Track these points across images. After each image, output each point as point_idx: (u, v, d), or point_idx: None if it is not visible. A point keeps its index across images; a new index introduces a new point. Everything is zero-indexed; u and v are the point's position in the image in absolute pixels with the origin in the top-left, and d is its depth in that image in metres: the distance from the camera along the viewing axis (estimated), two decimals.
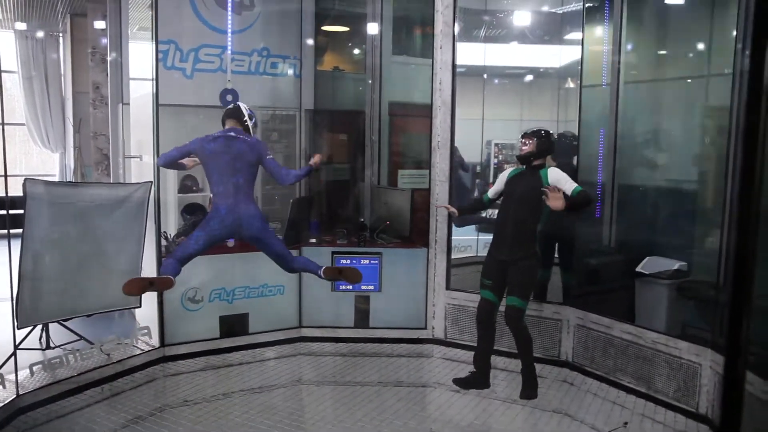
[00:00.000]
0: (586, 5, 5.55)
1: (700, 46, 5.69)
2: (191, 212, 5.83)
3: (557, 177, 4.26)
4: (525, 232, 4.38)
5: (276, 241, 4.35)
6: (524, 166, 4.46)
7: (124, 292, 3.72)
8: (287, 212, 5.68)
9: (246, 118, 4.40)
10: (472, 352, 5.35)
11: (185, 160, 4.53)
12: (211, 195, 4.37)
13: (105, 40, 7.55)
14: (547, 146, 4.46)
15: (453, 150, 5.44)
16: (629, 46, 5.96)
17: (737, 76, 4.32)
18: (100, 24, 7.61)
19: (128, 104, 6.36)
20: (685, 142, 5.79)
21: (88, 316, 5.00)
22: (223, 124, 4.48)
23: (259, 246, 4.32)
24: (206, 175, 4.33)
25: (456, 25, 5.33)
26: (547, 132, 4.50)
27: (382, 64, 6.31)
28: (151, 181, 5.06)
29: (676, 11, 5.94)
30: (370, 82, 6.44)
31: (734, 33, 4.44)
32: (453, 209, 4.88)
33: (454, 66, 5.31)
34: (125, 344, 4.91)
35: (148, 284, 3.81)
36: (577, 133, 5.42)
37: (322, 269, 4.30)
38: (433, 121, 5.40)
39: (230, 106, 4.59)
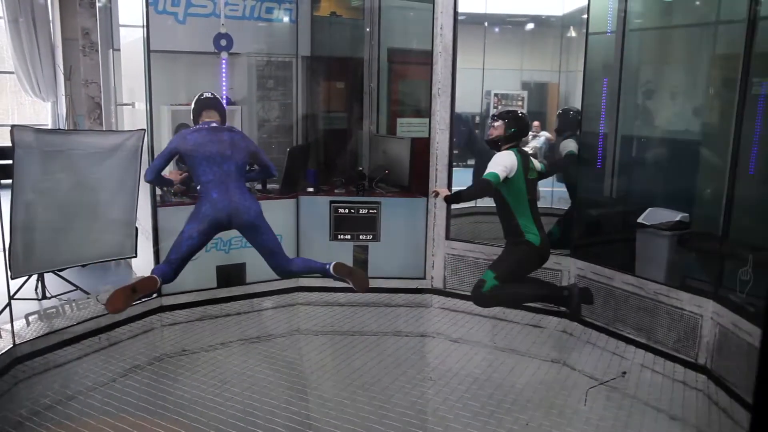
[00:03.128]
0: None
1: None
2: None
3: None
4: (502, 218, 4.32)
5: (272, 236, 4.16)
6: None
7: (110, 312, 3.60)
8: (284, 161, 5.57)
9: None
10: (471, 302, 5.35)
11: (170, 174, 4.46)
12: (198, 187, 4.11)
13: None
14: (516, 129, 4.25)
15: (454, 97, 5.28)
16: None
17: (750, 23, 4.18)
18: None
19: (119, 50, 6.16)
20: (690, 93, 5.66)
21: (84, 266, 4.94)
22: (199, 115, 4.26)
23: (252, 237, 4.12)
24: (192, 169, 4.08)
25: None
26: (515, 114, 4.31)
27: (381, 9, 6.09)
28: (144, 129, 4.93)
29: None
30: (368, 28, 6.22)
31: None
32: (447, 192, 4.55)
33: (455, 10, 5.12)
34: None
35: (131, 292, 3.59)
36: (581, 97, 5.24)
37: (332, 265, 4.15)
38: (433, 67, 5.23)
39: (207, 96, 4.35)
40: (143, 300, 4.41)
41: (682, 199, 5.15)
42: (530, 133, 10.22)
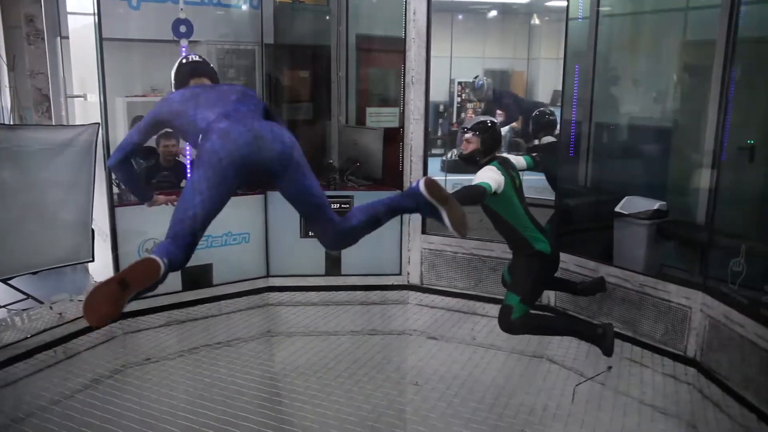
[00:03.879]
0: None
1: None
2: (144, 157, 5.38)
3: None
4: (504, 234, 4.05)
5: (317, 182, 2.86)
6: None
7: (93, 324, 2.27)
8: None
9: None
10: (449, 298, 5.20)
11: (159, 199, 3.38)
12: (201, 135, 2.66)
13: None
14: (492, 140, 3.97)
15: (428, 86, 5.07)
16: None
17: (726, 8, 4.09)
18: None
19: (67, 38, 5.75)
20: (663, 79, 5.59)
21: (35, 273, 4.57)
22: (186, 82, 3.09)
23: (291, 185, 2.73)
24: (184, 133, 2.84)
25: None
26: (486, 124, 4.00)
27: None
28: (99, 123, 4.59)
29: None
30: (335, 14, 5.95)
31: None
32: None
33: None
34: (78, 301, 4.53)
35: (120, 289, 2.22)
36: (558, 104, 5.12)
37: (423, 182, 2.77)
38: (406, 54, 5.02)
39: (195, 59, 3.27)
40: (142, 297, 2.58)
41: (659, 188, 5.09)
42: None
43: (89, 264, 4.97)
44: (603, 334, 3.84)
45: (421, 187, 2.76)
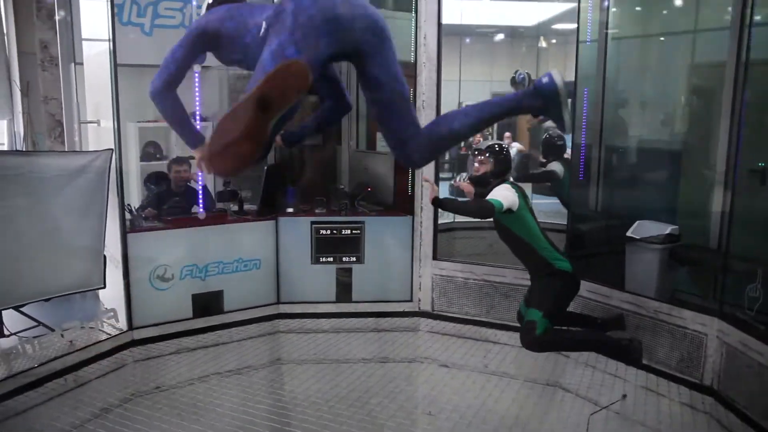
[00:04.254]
0: None
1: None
2: (156, 182, 5.40)
3: None
4: (522, 255, 4.05)
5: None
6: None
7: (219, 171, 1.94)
8: (261, 181, 5.30)
9: None
10: (461, 325, 5.15)
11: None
12: (265, 21, 2.25)
13: None
14: (506, 163, 4.07)
15: (440, 110, 5.08)
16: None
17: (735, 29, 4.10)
18: None
19: (81, 64, 5.81)
20: (672, 101, 5.58)
21: (47, 300, 4.56)
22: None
23: (378, 65, 2.32)
24: (237, 29, 2.40)
25: None
26: (501, 146, 4.13)
27: None
28: (112, 149, 4.61)
29: None
30: None
31: None
32: (435, 188, 4.15)
33: (439, 18, 4.93)
34: (89, 329, 4.51)
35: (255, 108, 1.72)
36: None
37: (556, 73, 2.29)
38: (417, 78, 5.03)
39: None
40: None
41: (670, 211, 5.05)
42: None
43: (100, 291, 4.95)
44: (628, 346, 3.81)
45: (556, 77, 2.27)
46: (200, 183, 5.18)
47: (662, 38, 5.75)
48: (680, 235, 4.70)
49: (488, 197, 3.84)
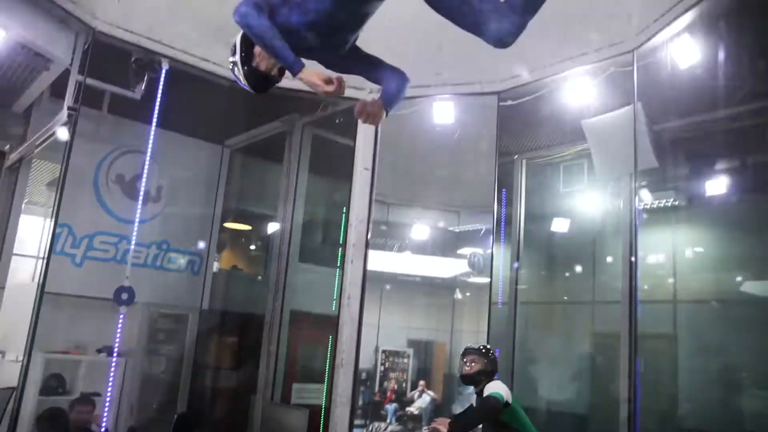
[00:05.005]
0: (485, 227, 5.86)
1: (587, 272, 6.09)
2: (51, 422, 4.94)
3: None
4: None
5: None
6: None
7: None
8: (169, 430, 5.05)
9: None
10: None
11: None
12: None
13: None
14: (495, 363, 4.12)
15: (357, 369, 5.16)
16: (523, 268, 6.21)
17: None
18: None
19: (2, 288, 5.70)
20: (576, 365, 5.92)
21: None
22: None
23: None
24: None
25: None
26: (489, 348, 4.21)
27: (288, 270, 6.13)
28: (15, 387, 4.33)
29: (562, 239, 6.39)
30: (273, 288, 6.17)
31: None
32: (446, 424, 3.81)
33: (364, 281, 5.23)
34: None
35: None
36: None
37: None
38: (338, 336, 5.17)
39: None
40: None
41: None
42: (416, 391, 10.23)
43: None
44: None
45: None
46: (103, 428, 4.86)
47: (565, 306, 6.29)
48: None
49: (486, 393, 3.78)
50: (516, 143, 5.80)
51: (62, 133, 4.87)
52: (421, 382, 10.10)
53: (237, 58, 2.38)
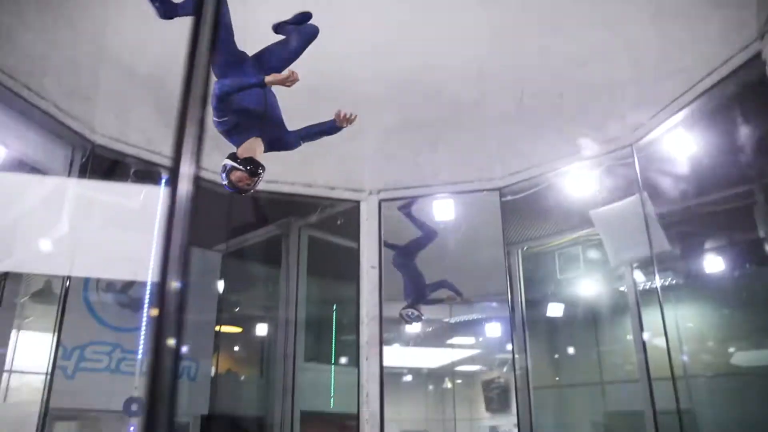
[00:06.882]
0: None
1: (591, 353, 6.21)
2: None
3: None
4: None
5: None
6: None
7: None
8: None
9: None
10: None
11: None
12: None
13: None
14: None
15: None
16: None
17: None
18: None
19: None
20: None
21: None
22: None
23: None
24: None
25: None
26: None
27: (295, 369, 5.99)
28: None
29: (564, 323, 6.53)
30: (281, 389, 5.99)
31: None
32: None
33: (381, 378, 5.18)
34: None
35: None
36: None
37: None
38: None
39: None
40: None
41: None
42: None
43: None
44: None
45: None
46: None
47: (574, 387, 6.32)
48: None
49: None
50: (513, 234, 6.00)
51: None
52: None
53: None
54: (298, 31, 3.39)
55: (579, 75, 4.27)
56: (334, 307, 6.25)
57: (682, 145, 4.34)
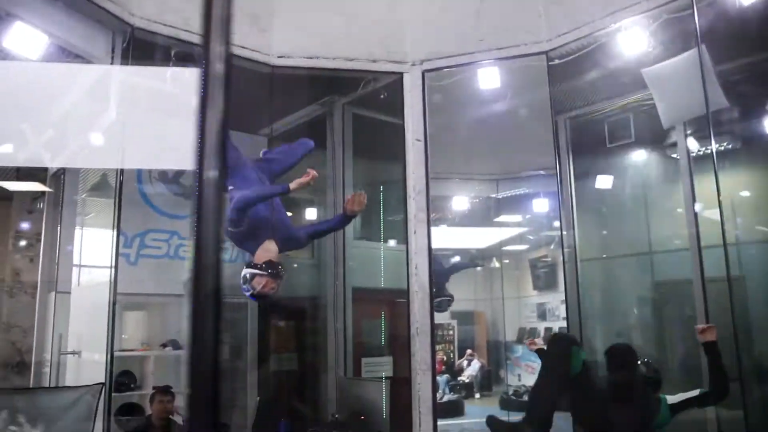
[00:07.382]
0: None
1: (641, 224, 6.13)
2: (127, 413, 5.08)
3: None
4: None
5: None
6: None
7: None
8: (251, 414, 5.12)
9: None
10: None
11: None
12: None
13: (26, 225, 6.98)
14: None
15: (434, 336, 5.22)
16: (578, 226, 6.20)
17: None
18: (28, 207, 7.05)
19: (66, 293, 5.71)
20: (644, 314, 5.99)
21: None
22: None
23: None
24: None
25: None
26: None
27: (345, 248, 6.15)
28: (102, 383, 4.38)
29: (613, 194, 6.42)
30: (333, 269, 6.20)
31: None
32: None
33: (430, 250, 5.25)
34: None
35: None
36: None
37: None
38: (410, 307, 5.20)
39: None
40: None
41: None
42: (464, 360, 10.32)
43: None
44: None
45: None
46: (184, 418, 4.91)
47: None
48: None
49: None
50: (561, 102, 5.78)
51: None
52: (469, 351, 10.19)
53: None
54: (299, 143, 4.01)
55: None
56: (381, 187, 6.24)
57: None
